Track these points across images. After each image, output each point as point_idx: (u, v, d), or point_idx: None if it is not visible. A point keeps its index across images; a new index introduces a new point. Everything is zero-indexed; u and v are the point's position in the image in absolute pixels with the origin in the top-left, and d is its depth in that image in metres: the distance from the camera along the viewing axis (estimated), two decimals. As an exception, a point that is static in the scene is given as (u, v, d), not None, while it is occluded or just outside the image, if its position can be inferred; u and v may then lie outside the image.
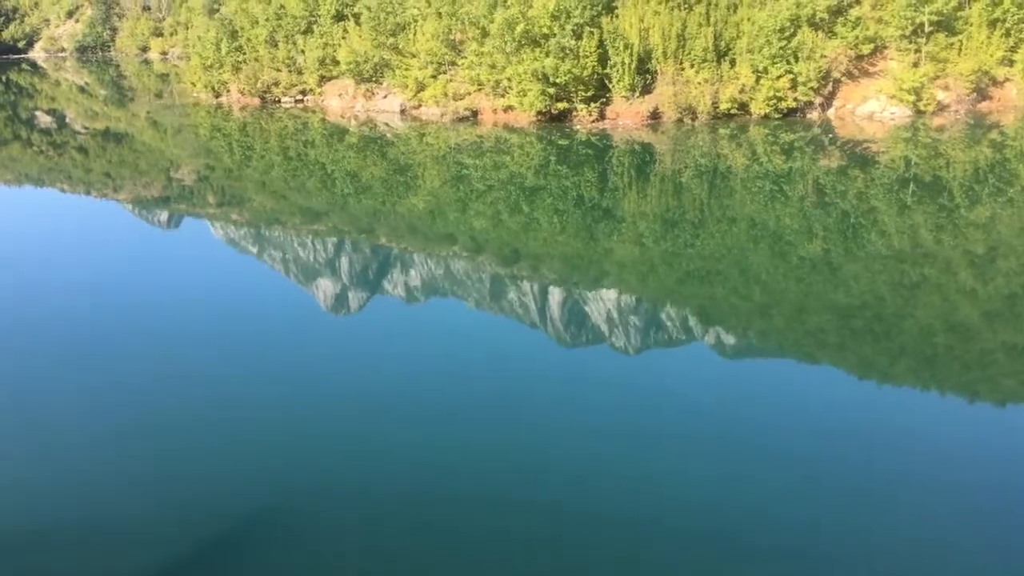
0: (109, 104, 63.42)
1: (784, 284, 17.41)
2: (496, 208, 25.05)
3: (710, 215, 22.77)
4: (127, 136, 45.70)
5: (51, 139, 44.13)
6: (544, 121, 34.96)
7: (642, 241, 20.81)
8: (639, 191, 26.19)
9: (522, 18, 33.74)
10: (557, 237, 21.54)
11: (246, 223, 25.44)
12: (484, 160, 32.10)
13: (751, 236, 20.70)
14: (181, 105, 52.40)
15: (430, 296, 18.37)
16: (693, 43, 32.57)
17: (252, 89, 43.52)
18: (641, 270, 19.06)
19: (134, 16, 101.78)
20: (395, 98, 39.61)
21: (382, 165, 32.01)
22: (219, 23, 46.34)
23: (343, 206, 27.06)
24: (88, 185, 32.70)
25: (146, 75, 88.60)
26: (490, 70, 35.29)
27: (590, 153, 31.93)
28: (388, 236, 22.99)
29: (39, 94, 75.70)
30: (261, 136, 40.29)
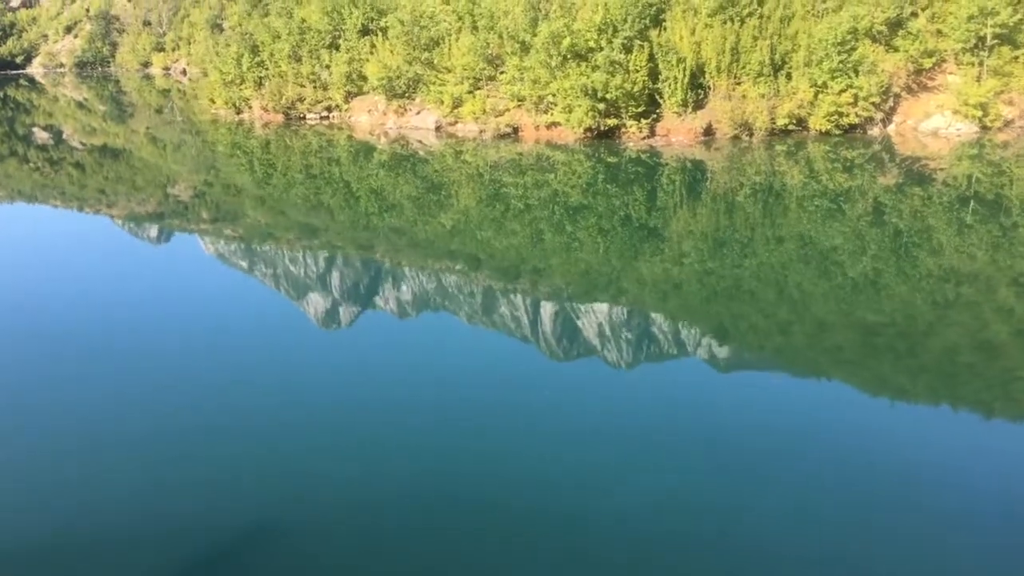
0: (108, 120, 62.39)
1: (815, 302, 16.99)
2: (536, 228, 23.82)
3: (759, 234, 21.87)
4: (125, 152, 44.90)
5: (48, 155, 43.42)
6: (591, 138, 33.71)
7: (682, 260, 20.17)
8: (689, 210, 25.10)
9: (568, 32, 32.51)
10: (598, 257, 20.79)
11: (238, 238, 25.07)
12: (525, 178, 30.83)
13: (796, 255, 20.11)
14: (187, 121, 50.96)
15: (422, 311, 18.19)
16: (748, 56, 31.41)
17: (276, 105, 42.07)
18: (669, 288, 18.70)
19: (135, 31, 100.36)
20: (429, 114, 38.28)
21: (412, 183, 30.70)
22: (239, 37, 44.86)
23: (365, 225, 25.91)
24: (81, 201, 32.13)
25: (147, 90, 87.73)
26: (533, 85, 34.01)
27: (640, 171, 30.70)
28: (411, 257, 22.03)
29: (37, 110, 74.62)
30: (284, 154, 38.90)
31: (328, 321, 18.19)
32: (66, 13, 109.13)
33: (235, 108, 44.84)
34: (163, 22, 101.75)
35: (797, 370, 14.23)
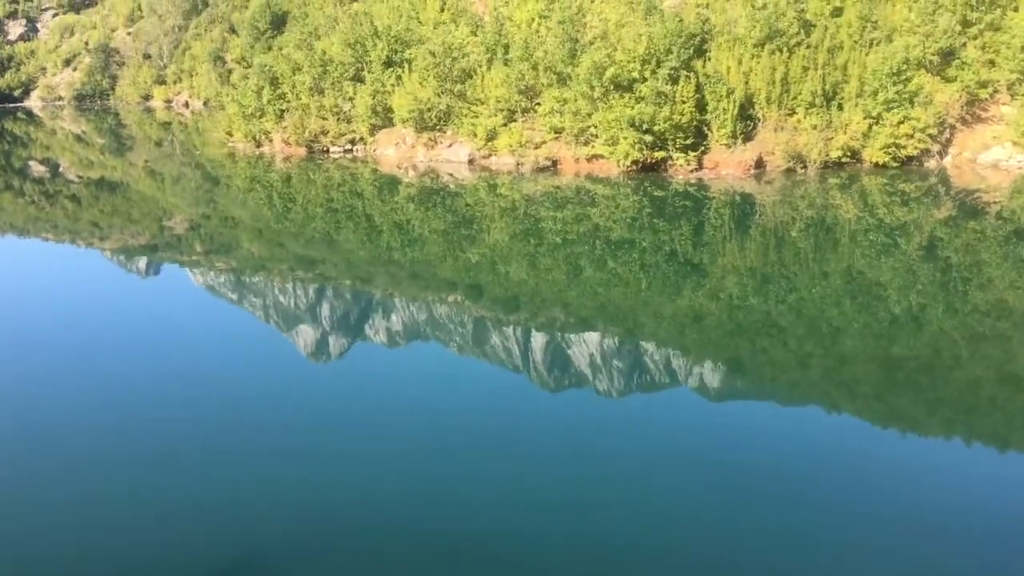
0: (106, 153, 61.51)
1: (843, 337, 16.51)
2: (573, 263, 22.90)
3: (803, 269, 21.28)
4: (121, 185, 44.32)
5: (43, 188, 42.84)
6: (635, 171, 32.67)
7: (717, 295, 19.58)
8: (736, 245, 24.16)
9: (611, 62, 31.60)
10: (638, 292, 20.24)
11: (228, 270, 24.88)
12: (564, 212, 29.72)
13: (838, 290, 19.54)
14: (188, 154, 49.72)
15: (412, 341, 18.20)
16: (799, 87, 30.56)
17: (299, 139, 40.89)
18: (692, 321, 18.31)
19: (135, 64, 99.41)
20: (462, 147, 37.19)
21: (441, 217, 29.70)
22: (258, 69, 43.82)
23: (387, 259, 25.00)
24: (73, 234, 31.52)
25: (147, 123, 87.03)
26: (573, 117, 33.02)
27: (688, 205, 29.66)
28: (436, 293, 21.24)
29: (34, 143, 73.55)
30: (305, 188, 37.74)
31: (318, 353, 18.11)
32: (64, 46, 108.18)
33: (255, 141, 43.58)
34: (164, 55, 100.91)
35: (807, 402, 14.14)
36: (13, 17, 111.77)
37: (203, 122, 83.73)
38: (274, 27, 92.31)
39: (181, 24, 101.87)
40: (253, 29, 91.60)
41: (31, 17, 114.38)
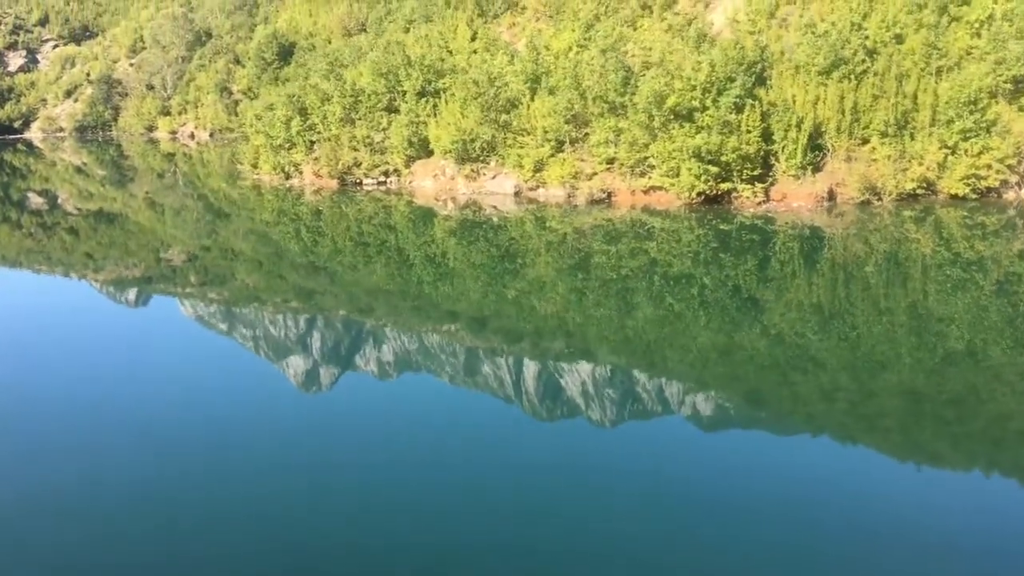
0: (106, 184, 60.65)
1: (885, 372, 15.95)
2: (625, 299, 22.02)
3: (867, 305, 20.63)
4: (120, 217, 43.85)
5: (41, 220, 42.51)
6: (698, 203, 31.31)
7: (769, 331, 18.86)
8: (802, 280, 23.30)
9: (671, 90, 30.37)
10: (696, 329, 19.47)
11: (220, 301, 24.57)
12: (618, 246, 28.38)
13: (898, 326, 18.80)
14: (190, 185, 48.19)
15: (403, 371, 18.08)
16: (869, 116, 29.39)
17: (332, 171, 39.37)
18: (720, 355, 17.68)
19: (139, 95, 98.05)
20: (507, 178, 35.79)
21: (483, 251, 28.55)
22: (286, 100, 42.44)
23: (417, 295, 24.27)
24: (67, 266, 31.22)
25: (151, 155, 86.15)
26: (630, 147, 31.69)
27: (755, 239, 28.33)
28: (471, 333, 20.42)
29: (33, 175, 72.61)
30: (336, 220, 36.45)
31: (308, 383, 17.98)
32: (66, 77, 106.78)
33: (284, 174, 42.04)
34: (167, 86, 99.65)
35: (823, 435, 13.91)
36: (13, 48, 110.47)
37: (208, 153, 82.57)
38: (281, 58, 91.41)
39: (185, 55, 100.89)
40: (259, 60, 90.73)
41: (31, 48, 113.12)
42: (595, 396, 16.15)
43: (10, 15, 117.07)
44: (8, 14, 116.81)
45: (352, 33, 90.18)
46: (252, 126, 45.15)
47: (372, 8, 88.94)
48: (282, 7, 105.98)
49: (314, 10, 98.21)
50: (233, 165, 68.24)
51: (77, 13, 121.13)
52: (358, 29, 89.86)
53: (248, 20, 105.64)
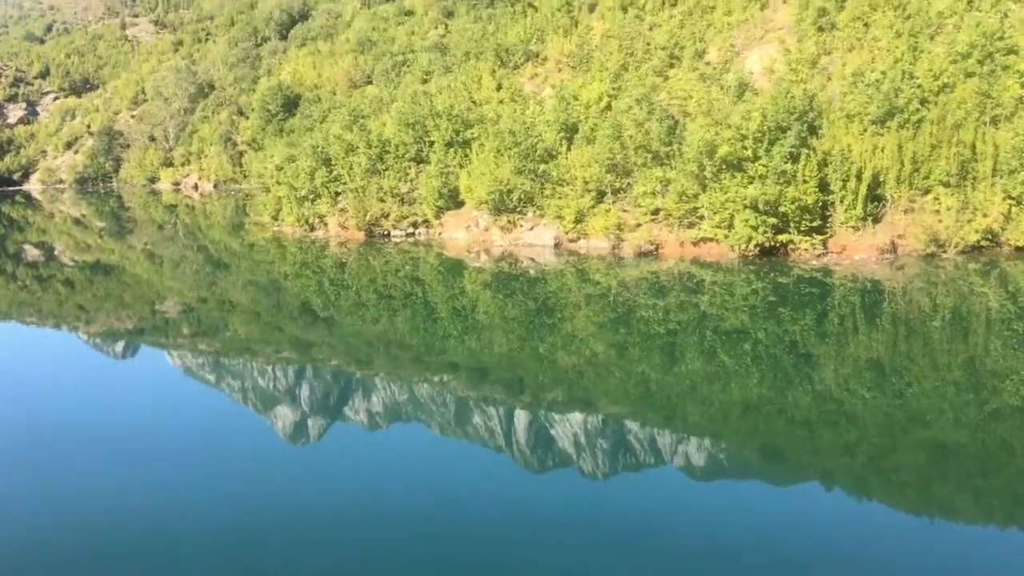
0: (105, 236, 59.90)
1: (919, 427, 15.68)
2: (668, 355, 21.29)
3: (926, 361, 19.96)
4: (117, 269, 43.35)
5: (36, 272, 41.97)
6: (752, 255, 30.20)
7: (816, 387, 18.26)
8: (863, 335, 22.22)
9: (722, 140, 29.50)
10: (738, 385, 18.53)
11: (209, 352, 24.25)
12: (665, 300, 27.20)
13: (952, 382, 18.17)
14: (191, 236, 46.92)
15: (392, 422, 17.92)
16: (929, 166, 28.55)
17: (360, 222, 38.18)
18: (761, 411, 17.15)
19: (141, 147, 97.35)
20: (546, 230, 34.65)
21: (517, 304, 27.48)
22: (310, 150, 41.46)
23: (441, 350, 23.43)
24: (58, 318, 30.68)
25: (152, 206, 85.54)
26: (678, 198, 30.68)
27: (814, 292, 27.21)
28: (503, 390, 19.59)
29: (30, 227, 71.49)
30: (362, 272, 35.35)
31: (296, 435, 17.80)
32: (66, 129, 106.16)
33: (308, 225, 40.81)
34: (169, 137, 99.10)
35: (835, 488, 13.61)
36: (13, 101, 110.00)
37: (212, 204, 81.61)
38: (285, 109, 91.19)
39: (187, 107, 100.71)
40: (264, 111, 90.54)
41: (31, 100, 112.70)
42: (638, 453, 15.77)
43: (10, 68, 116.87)
44: (8, 67, 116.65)
45: (358, 85, 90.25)
46: (273, 177, 44.01)
47: (378, 60, 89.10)
48: (285, 60, 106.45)
49: (318, 63, 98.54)
50: (238, 216, 67.54)
51: (78, 66, 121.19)
52: (364, 81, 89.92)
53: (251, 72, 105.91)
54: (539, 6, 59.74)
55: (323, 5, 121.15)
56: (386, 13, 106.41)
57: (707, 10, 48.19)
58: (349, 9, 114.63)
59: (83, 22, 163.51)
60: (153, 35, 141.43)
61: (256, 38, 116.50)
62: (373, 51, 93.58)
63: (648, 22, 50.01)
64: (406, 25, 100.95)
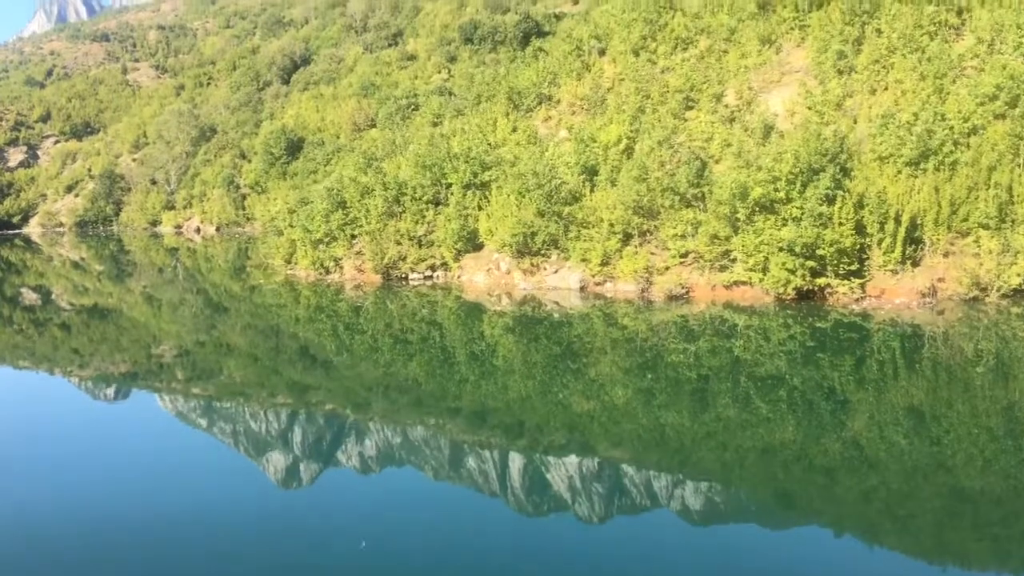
0: (104, 279, 59.47)
1: (944, 474, 15.40)
2: (700, 401, 20.69)
3: (966, 408, 19.21)
4: (114, 312, 42.91)
5: (33, 316, 41.61)
6: (788, 299, 29.48)
7: (846, 433, 17.74)
8: (903, 382, 21.53)
9: (755, 182, 28.98)
10: (772, 434, 17.95)
11: (202, 397, 23.98)
12: (696, 345, 26.46)
13: (987, 429, 17.57)
14: (192, 279, 46.03)
15: (386, 466, 17.84)
16: (967, 208, 28.03)
17: (377, 266, 37.39)
18: (778, 457, 16.82)
19: (143, 190, 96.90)
20: (571, 272, 33.90)
21: (540, 348, 26.89)
22: (325, 193, 40.86)
23: (455, 394, 22.95)
24: (51, 362, 30.33)
25: (153, 249, 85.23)
26: (710, 240, 30.04)
27: (853, 337, 26.49)
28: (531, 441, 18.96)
29: (29, 270, 71.07)
30: (376, 316, 34.57)
31: (288, 480, 17.69)
32: (67, 172, 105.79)
33: (324, 269, 40.00)
34: (171, 180, 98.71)
35: (845, 535, 13.40)
36: (14, 144, 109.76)
37: (214, 247, 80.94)
38: (289, 152, 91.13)
39: (190, 150, 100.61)
40: (267, 154, 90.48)
41: (32, 144, 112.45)
42: (644, 498, 15.55)
43: (11, 112, 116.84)
44: (9, 111, 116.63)
45: (362, 128, 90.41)
46: (285, 220, 43.31)
47: (382, 104, 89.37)
48: (288, 103, 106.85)
49: (321, 106, 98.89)
50: (241, 259, 66.89)
51: (79, 110, 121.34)
52: (367, 124, 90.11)
53: (253, 116, 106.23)
54: (549, 50, 59.90)
55: (325, 50, 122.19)
56: (388, 58, 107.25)
57: (718, 54, 48.19)
58: (351, 54, 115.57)
59: (83, 67, 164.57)
60: (154, 79, 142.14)
61: (258, 82, 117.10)
62: (377, 95, 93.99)
63: (660, 65, 49.95)
64: (409, 69, 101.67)
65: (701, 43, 50.23)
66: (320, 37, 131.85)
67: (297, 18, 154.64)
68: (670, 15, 54.23)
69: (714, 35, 49.69)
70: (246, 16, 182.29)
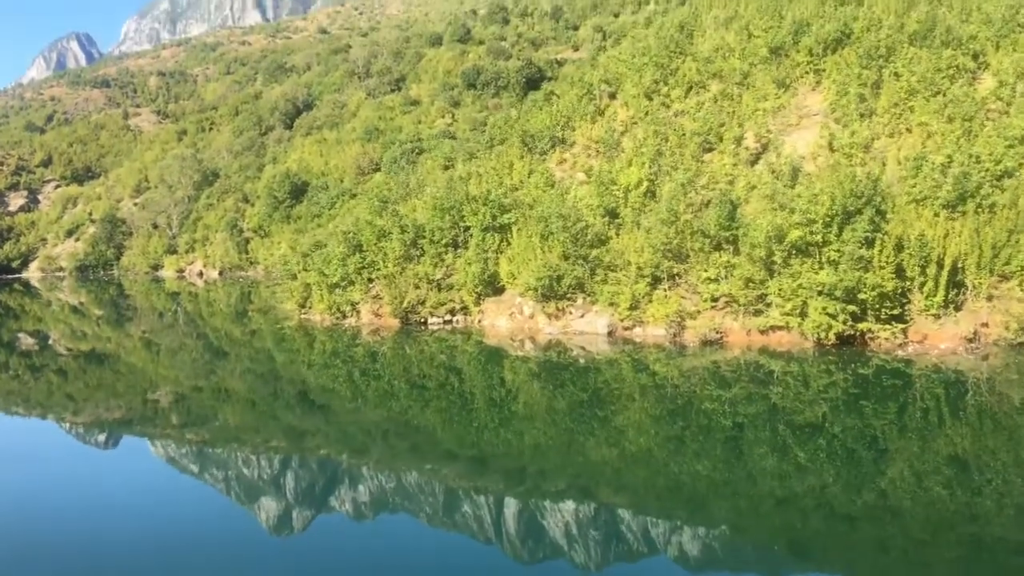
0: (102, 324, 58.84)
1: (970, 524, 14.99)
2: (732, 450, 20.00)
3: (1010, 457, 18.51)
4: (111, 357, 42.27)
5: (29, 362, 41.08)
6: (827, 345, 28.68)
7: (876, 483, 17.20)
8: (950, 430, 21.02)
9: (792, 225, 28.38)
10: (802, 483, 17.69)
11: (194, 442, 23.76)
12: (731, 391, 25.62)
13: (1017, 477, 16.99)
14: (192, 323, 45.07)
15: (379, 512, 17.72)
16: (1009, 251, 27.44)
17: (396, 310, 36.53)
18: (795, 506, 16.55)
19: (145, 234, 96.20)
20: (598, 316, 33.07)
21: (565, 396, 26.06)
22: (342, 236, 40.18)
23: (475, 443, 22.23)
24: (45, 408, 29.77)
25: (154, 294, 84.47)
26: (745, 284, 29.32)
27: (897, 384, 25.70)
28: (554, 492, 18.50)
29: (27, 315, 69.90)
30: (393, 362, 33.65)
31: (280, 527, 17.60)
32: (67, 217, 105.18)
33: (340, 313, 39.10)
34: (173, 225, 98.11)
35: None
36: (15, 189, 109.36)
37: (216, 291, 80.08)
38: (292, 196, 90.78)
39: (192, 194, 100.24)
40: (271, 198, 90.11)
41: (33, 188, 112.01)
42: (662, 547, 15.20)
43: (12, 156, 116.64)
44: (11, 155, 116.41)
45: (366, 172, 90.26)
46: (299, 264, 42.54)
47: (386, 148, 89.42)
48: (291, 148, 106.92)
49: (325, 150, 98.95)
50: (243, 303, 66.04)
51: (80, 155, 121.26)
52: (372, 168, 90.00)
53: (256, 160, 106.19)
54: (560, 94, 59.96)
55: (328, 95, 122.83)
56: (392, 103, 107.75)
57: (732, 97, 48.12)
58: (354, 99, 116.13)
59: (84, 112, 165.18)
60: (155, 124, 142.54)
61: (261, 127, 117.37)
62: (381, 139, 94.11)
63: (674, 109, 49.86)
64: (412, 114, 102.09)
65: (713, 87, 50.23)
66: (323, 83, 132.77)
67: (299, 64, 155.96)
68: (680, 60, 54.37)
69: (726, 79, 49.70)
70: (247, 62, 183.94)
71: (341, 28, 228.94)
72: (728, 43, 52.91)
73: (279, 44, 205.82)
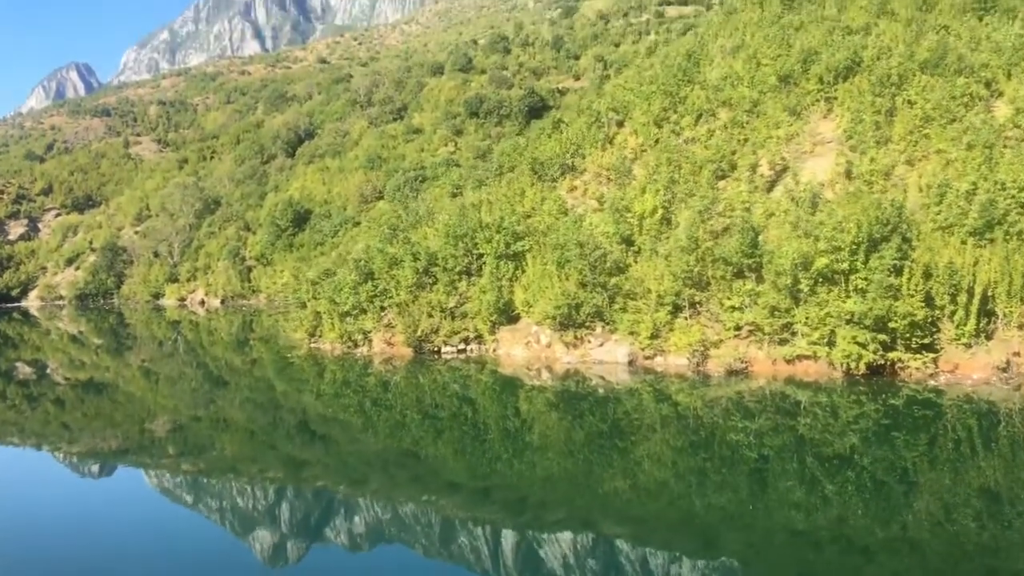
0: (101, 353, 58.50)
1: (987, 557, 14.65)
2: (757, 482, 19.54)
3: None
4: (110, 387, 42.03)
5: (26, 391, 40.78)
6: (856, 375, 28.09)
7: (900, 516, 16.89)
8: (984, 462, 20.36)
9: (818, 253, 27.91)
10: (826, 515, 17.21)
11: (189, 472, 23.61)
12: (756, 423, 25.01)
13: None
14: (192, 352, 44.37)
15: (376, 544, 17.60)
16: (1039, 279, 26.95)
17: (409, 339, 35.89)
18: (809, 538, 16.24)
19: (146, 262, 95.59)
20: (617, 345, 32.45)
21: (584, 426, 25.60)
22: (352, 264, 39.65)
23: (487, 474, 21.85)
24: (40, 438, 29.54)
25: (155, 323, 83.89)
26: (770, 313, 28.77)
27: (928, 415, 25.12)
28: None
29: (25, 344, 69.80)
30: (406, 392, 33.06)
31: (275, 558, 17.41)
32: (67, 245, 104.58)
33: (352, 342, 38.43)
34: (174, 253, 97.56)
35: None
36: (15, 217, 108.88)
37: (218, 320, 79.38)
38: (295, 224, 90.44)
39: (193, 223, 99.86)
40: (273, 226, 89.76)
41: (33, 217, 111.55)
42: None
43: (13, 185, 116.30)
44: (11, 184, 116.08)
45: (369, 200, 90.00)
46: (308, 292, 41.95)
47: (390, 176, 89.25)
48: (293, 176, 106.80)
49: (327, 179, 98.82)
50: (245, 332, 65.40)
51: (81, 183, 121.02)
52: (375, 196, 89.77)
53: (258, 188, 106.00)
54: (569, 122, 59.84)
55: (330, 124, 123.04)
56: (394, 131, 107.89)
57: (742, 124, 47.92)
58: (356, 128, 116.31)
59: (84, 141, 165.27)
60: (156, 153, 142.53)
61: (263, 155, 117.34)
62: (384, 167, 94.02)
63: (685, 136, 49.64)
64: (415, 142, 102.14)
65: (722, 115, 50.06)
66: (324, 111, 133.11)
67: (300, 93, 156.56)
68: (688, 88, 54.30)
69: (736, 107, 49.54)
70: (247, 91, 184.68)
71: (341, 58, 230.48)
72: (736, 71, 52.82)
73: (279, 73, 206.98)
